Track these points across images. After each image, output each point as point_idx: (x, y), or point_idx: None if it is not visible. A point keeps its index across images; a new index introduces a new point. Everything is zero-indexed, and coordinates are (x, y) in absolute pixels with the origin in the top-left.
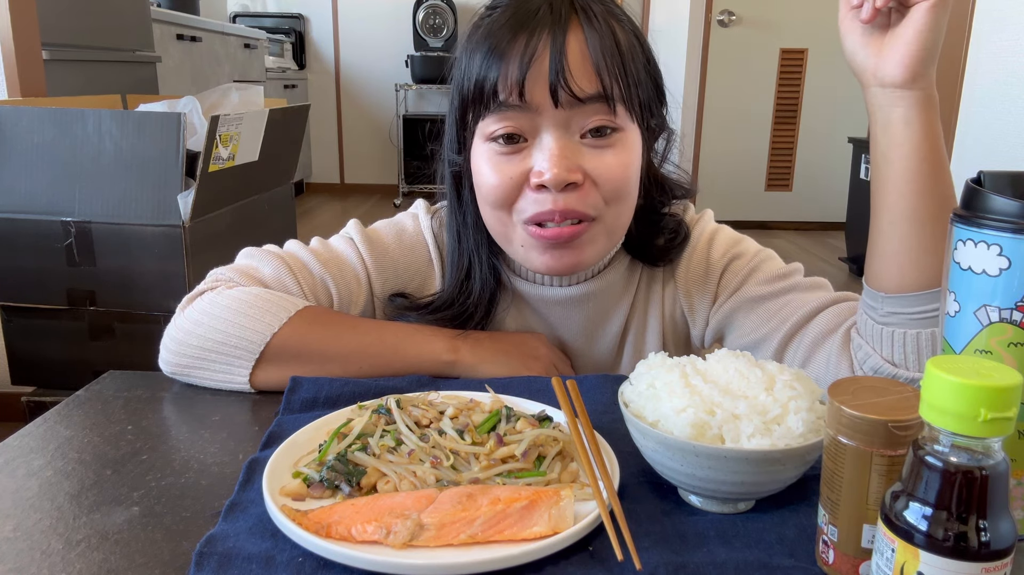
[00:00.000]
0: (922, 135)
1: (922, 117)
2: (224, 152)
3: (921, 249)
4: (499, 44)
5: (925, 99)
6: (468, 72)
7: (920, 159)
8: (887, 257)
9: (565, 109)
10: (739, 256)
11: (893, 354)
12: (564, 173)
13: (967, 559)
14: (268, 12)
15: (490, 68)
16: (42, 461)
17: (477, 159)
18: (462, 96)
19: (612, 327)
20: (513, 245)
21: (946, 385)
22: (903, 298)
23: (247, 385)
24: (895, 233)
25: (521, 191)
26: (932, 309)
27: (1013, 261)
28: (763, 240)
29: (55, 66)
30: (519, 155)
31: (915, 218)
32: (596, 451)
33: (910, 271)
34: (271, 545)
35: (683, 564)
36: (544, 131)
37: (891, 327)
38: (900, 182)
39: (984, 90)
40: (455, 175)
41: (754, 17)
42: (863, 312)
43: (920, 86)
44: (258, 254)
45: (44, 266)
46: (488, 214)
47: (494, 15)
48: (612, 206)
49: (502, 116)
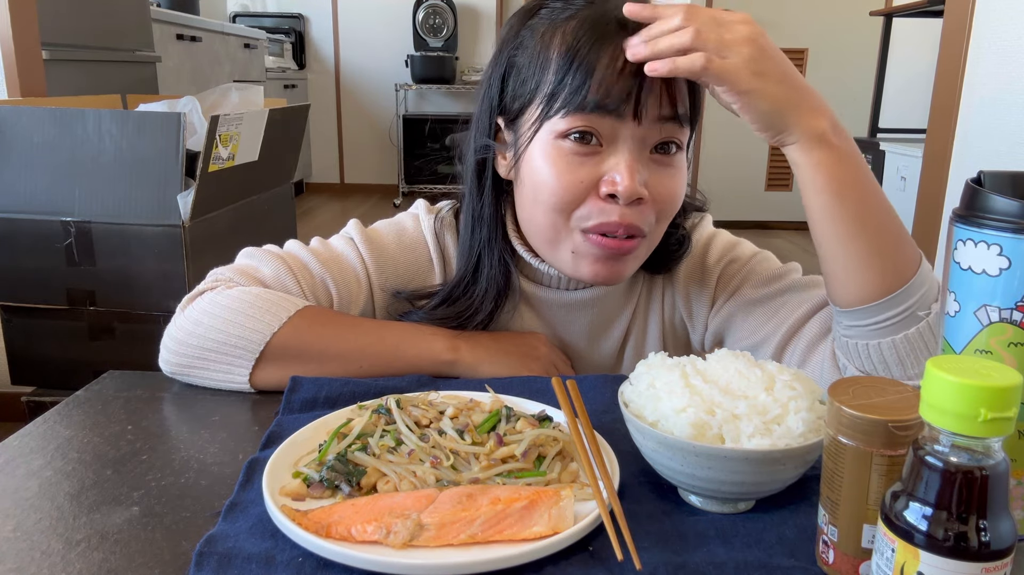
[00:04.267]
0: (812, 172)
1: (804, 159)
2: (224, 152)
3: (853, 266)
4: (593, 51)
5: (800, 146)
6: (539, 66)
7: (816, 191)
8: (830, 276)
9: (646, 124)
10: (735, 260)
11: (863, 365)
12: (637, 187)
13: (967, 559)
14: (268, 12)
15: (581, 73)
16: (42, 461)
17: (539, 157)
18: (526, 87)
19: (614, 332)
20: (561, 251)
21: (946, 385)
22: (854, 312)
23: (247, 385)
24: (827, 254)
25: (586, 197)
26: (885, 319)
27: (1013, 261)
28: (763, 240)
29: (55, 66)
30: (592, 159)
31: (836, 239)
32: (596, 451)
33: (852, 286)
34: (271, 545)
35: (683, 564)
36: (622, 141)
37: (854, 339)
38: (811, 211)
39: (984, 90)
40: (479, 162)
41: (754, 17)
42: (834, 326)
43: (787, 141)
44: (258, 254)
45: (44, 266)
46: (540, 217)
47: (572, 13)
48: (660, 224)
49: (584, 117)
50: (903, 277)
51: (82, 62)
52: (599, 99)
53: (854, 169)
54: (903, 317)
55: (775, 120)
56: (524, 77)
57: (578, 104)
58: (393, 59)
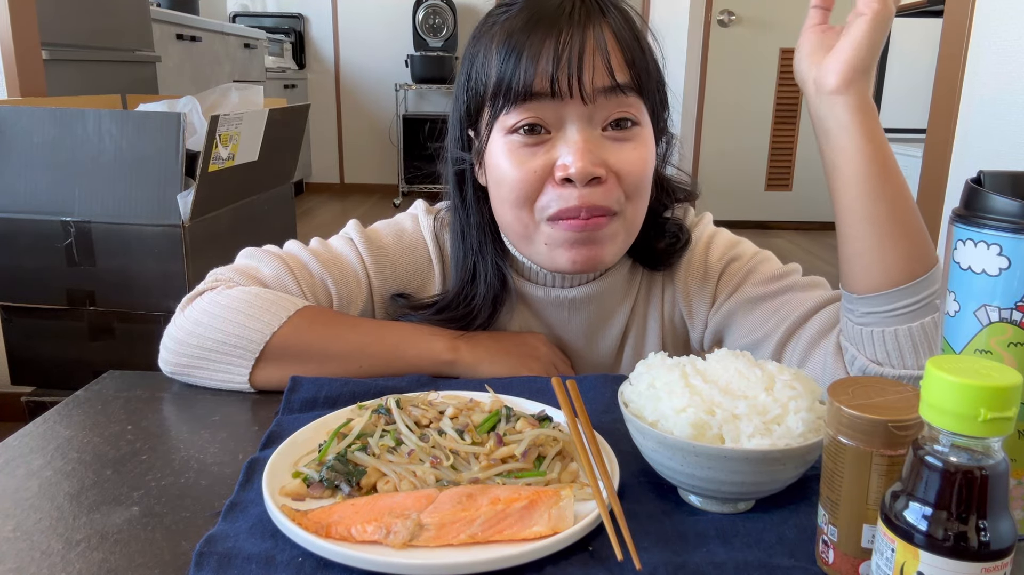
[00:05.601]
0: (862, 138)
1: (858, 120)
2: (224, 152)
3: (883, 249)
4: (525, 38)
5: (859, 105)
6: (485, 67)
7: (864, 161)
8: (853, 260)
9: (591, 102)
10: (737, 258)
11: (876, 353)
12: (590, 166)
13: (967, 559)
14: (268, 12)
15: (515, 61)
16: (42, 461)
17: (495, 154)
18: (477, 92)
19: (612, 330)
20: (535, 245)
21: (946, 385)
22: (874, 298)
23: (247, 384)
24: (855, 236)
25: (543, 186)
26: (905, 305)
27: (1013, 261)
28: (763, 240)
29: (55, 66)
30: (542, 147)
31: (871, 219)
32: (596, 451)
33: (876, 271)
34: (271, 545)
35: (683, 564)
36: (569, 124)
37: (869, 327)
38: (850, 187)
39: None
40: (459, 174)
41: (754, 17)
42: (843, 315)
43: (853, 92)
44: (258, 254)
45: (44, 266)
46: (508, 214)
47: (511, 12)
48: (632, 201)
49: (527, 108)
50: (927, 263)
51: (82, 62)
52: (536, 86)
53: (887, 146)
54: (922, 304)
55: (867, 63)
56: (475, 83)
57: (518, 95)
58: (393, 59)
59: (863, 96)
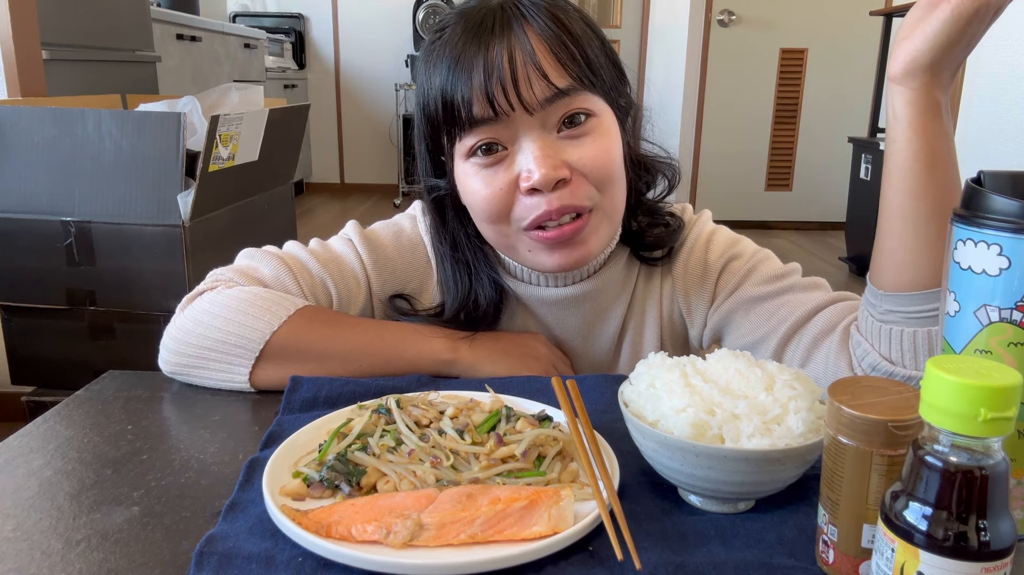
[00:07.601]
0: (912, 132)
1: (910, 114)
2: (224, 152)
3: (917, 249)
4: (458, 62)
5: (915, 99)
6: (432, 96)
7: (910, 157)
8: (886, 254)
9: (537, 111)
10: (737, 257)
11: (891, 351)
12: (551, 172)
13: (967, 559)
14: (268, 12)
15: (455, 87)
16: (42, 461)
17: (462, 179)
18: (432, 121)
19: (609, 327)
20: (519, 253)
21: (946, 385)
22: (900, 297)
23: (247, 384)
24: (892, 230)
25: (514, 199)
26: (929, 309)
27: (1013, 261)
28: (763, 240)
29: (55, 66)
30: (502, 164)
31: (909, 217)
32: (596, 451)
33: (907, 270)
34: (271, 545)
35: (683, 564)
36: (522, 135)
37: (889, 324)
38: (893, 179)
39: (984, 89)
40: (436, 201)
41: (754, 17)
42: (864, 308)
43: (910, 85)
44: (258, 254)
45: (44, 266)
46: (487, 230)
47: (444, 36)
48: (605, 192)
49: (478, 131)
50: None
51: (82, 62)
52: (477, 112)
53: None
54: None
55: (939, 56)
56: (428, 113)
57: (465, 123)
58: (393, 59)
59: (923, 91)
